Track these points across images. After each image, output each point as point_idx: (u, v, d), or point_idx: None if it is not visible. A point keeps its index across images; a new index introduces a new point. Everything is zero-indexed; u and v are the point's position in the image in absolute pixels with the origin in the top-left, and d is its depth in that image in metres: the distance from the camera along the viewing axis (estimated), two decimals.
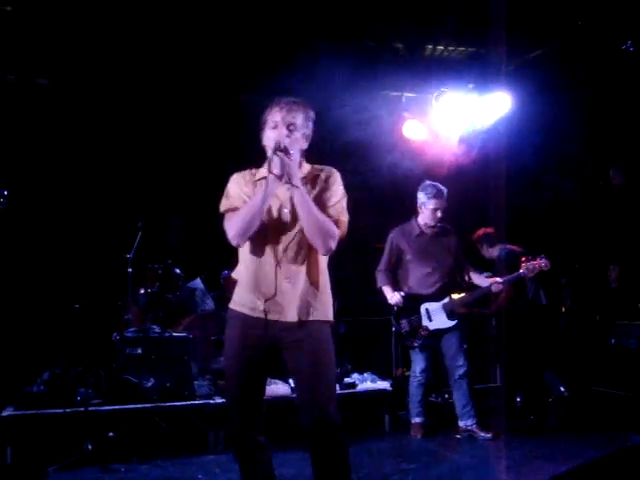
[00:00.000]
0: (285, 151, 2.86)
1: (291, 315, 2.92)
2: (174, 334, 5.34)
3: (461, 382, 5.29)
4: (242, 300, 2.99)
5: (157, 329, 5.30)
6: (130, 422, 4.86)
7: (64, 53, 5.98)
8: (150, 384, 4.95)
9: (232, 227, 2.95)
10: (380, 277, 5.51)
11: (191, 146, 6.75)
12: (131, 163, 6.55)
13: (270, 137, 2.97)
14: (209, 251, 6.61)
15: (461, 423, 5.33)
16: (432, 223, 5.36)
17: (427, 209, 5.33)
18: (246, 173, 3.12)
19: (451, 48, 6.68)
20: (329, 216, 2.97)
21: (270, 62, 5.48)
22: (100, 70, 6.23)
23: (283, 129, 2.95)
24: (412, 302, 5.37)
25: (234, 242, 2.96)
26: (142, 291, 5.79)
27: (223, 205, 3.06)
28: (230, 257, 6.29)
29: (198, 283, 6.40)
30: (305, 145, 3.04)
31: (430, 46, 6.63)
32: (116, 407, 4.82)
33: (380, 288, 5.52)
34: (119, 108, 6.50)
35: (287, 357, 2.97)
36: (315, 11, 5.62)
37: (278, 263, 2.95)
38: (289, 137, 2.94)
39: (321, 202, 2.98)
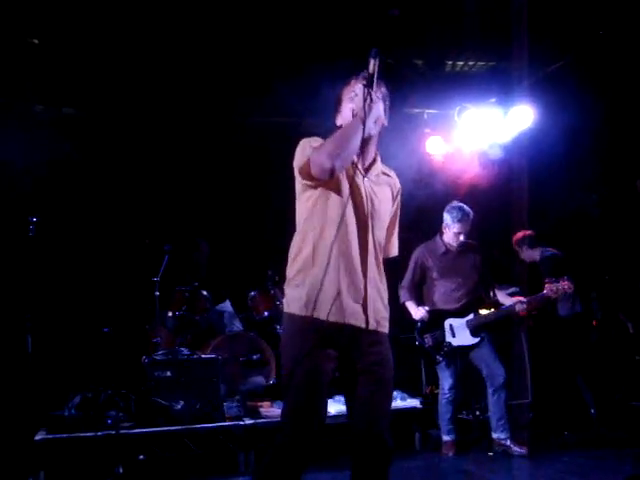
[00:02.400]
0: (372, 86, 2.59)
1: (375, 324, 2.67)
2: (202, 356, 5.36)
3: (500, 393, 5.20)
4: (324, 303, 2.59)
5: (186, 351, 5.33)
6: (160, 445, 4.87)
7: (89, 83, 6.12)
8: (180, 406, 4.97)
9: (325, 149, 2.55)
10: (403, 293, 5.50)
11: (216, 169, 6.83)
12: (156, 188, 6.63)
13: (348, 108, 2.75)
14: (236, 273, 6.66)
15: (495, 435, 5.25)
16: (454, 245, 5.35)
17: (451, 231, 5.33)
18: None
19: (471, 63, 6.68)
20: (388, 251, 2.94)
21: (288, 82, 5.53)
22: (124, 98, 6.35)
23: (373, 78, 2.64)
24: (436, 317, 5.34)
25: (327, 164, 2.51)
26: (170, 314, 5.84)
27: (311, 148, 2.62)
28: (257, 279, 6.37)
29: (227, 306, 6.43)
30: (385, 122, 2.79)
31: (450, 62, 6.63)
32: (146, 430, 4.84)
33: (404, 304, 5.51)
34: (144, 134, 6.61)
35: (357, 368, 2.65)
36: (333, 30, 5.67)
37: (364, 262, 2.66)
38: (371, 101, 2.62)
39: (391, 228, 2.93)
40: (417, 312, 5.38)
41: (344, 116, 2.79)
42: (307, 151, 2.63)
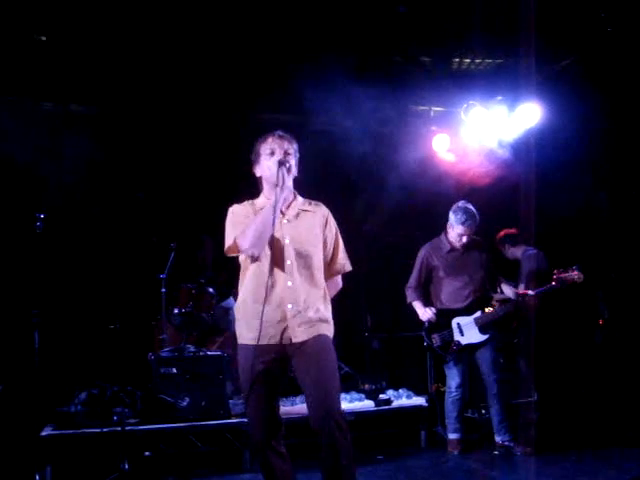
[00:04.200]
0: (287, 166, 3.14)
1: (300, 337, 3.14)
2: (208, 353, 5.37)
3: (498, 397, 5.22)
4: (251, 332, 3.14)
5: (192, 348, 5.34)
6: (166, 441, 4.89)
7: (96, 80, 6.12)
8: (185, 403, 4.98)
9: (246, 239, 3.10)
10: (410, 293, 5.50)
11: (222, 166, 6.82)
12: (163, 185, 6.64)
13: (266, 165, 3.23)
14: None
15: (498, 438, 5.25)
16: (457, 245, 5.34)
17: (455, 232, 5.32)
18: (245, 204, 3.32)
19: (478, 60, 6.64)
20: (336, 270, 3.37)
21: (296, 79, 5.52)
22: (132, 95, 6.35)
23: (281, 155, 3.18)
24: (444, 317, 5.33)
25: (250, 252, 3.11)
26: (176, 311, 5.83)
27: (233, 234, 3.18)
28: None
29: (232, 302, 6.42)
30: (296, 173, 3.27)
31: (457, 59, 6.60)
32: (152, 427, 4.86)
33: (410, 304, 5.50)
34: (151, 131, 6.61)
35: (295, 363, 3.18)
36: (342, 27, 5.65)
37: (283, 290, 3.14)
38: (290, 163, 3.19)
39: (332, 251, 3.34)
40: (424, 314, 5.38)
41: (262, 168, 3.28)
42: (231, 237, 3.19)
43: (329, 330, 3.25)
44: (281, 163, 3.12)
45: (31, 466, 4.53)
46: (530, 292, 5.27)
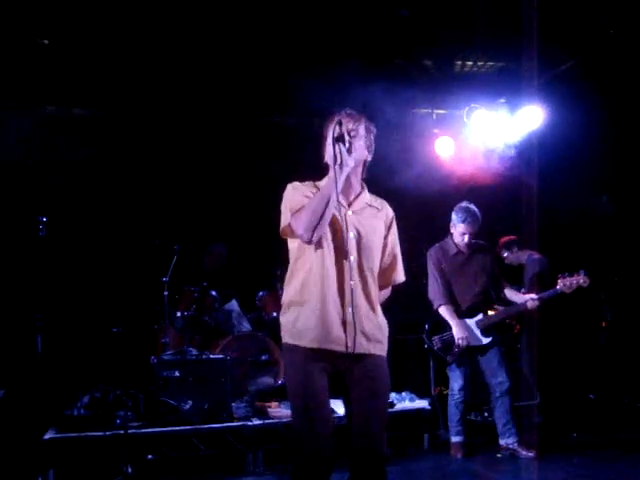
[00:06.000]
0: (344, 142, 2.76)
1: (360, 348, 2.80)
2: (211, 356, 5.37)
3: (502, 399, 5.20)
4: (307, 333, 2.80)
5: (194, 351, 5.34)
6: (169, 444, 4.88)
7: (99, 84, 6.14)
8: (188, 406, 4.98)
9: (300, 222, 2.75)
10: (444, 310, 5.24)
11: (226, 168, 6.84)
12: (167, 188, 6.65)
13: (325, 146, 2.88)
14: (245, 272, 6.67)
15: (502, 441, 5.23)
16: (461, 245, 5.33)
17: (457, 231, 5.32)
18: (308, 183, 2.97)
19: (481, 63, 6.66)
20: (392, 279, 3.05)
21: (300, 83, 5.53)
22: (135, 98, 6.37)
23: (339, 133, 2.79)
24: (445, 319, 5.30)
25: (305, 237, 2.74)
26: (179, 314, 5.85)
27: (291, 210, 2.84)
28: (265, 279, 6.37)
29: (234, 305, 6.43)
30: (369, 157, 2.96)
31: (460, 62, 6.61)
32: (155, 430, 4.86)
33: (438, 309, 5.29)
34: (155, 134, 6.62)
35: (349, 383, 2.85)
36: (345, 31, 5.66)
37: (344, 290, 2.81)
38: (350, 141, 2.80)
39: (391, 257, 3.01)
40: (458, 330, 5.16)
41: (326, 152, 2.89)
42: (287, 216, 2.85)
43: (385, 348, 2.93)
44: (337, 139, 2.74)
45: (34, 470, 4.53)
46: (534, 296, 5.24)
